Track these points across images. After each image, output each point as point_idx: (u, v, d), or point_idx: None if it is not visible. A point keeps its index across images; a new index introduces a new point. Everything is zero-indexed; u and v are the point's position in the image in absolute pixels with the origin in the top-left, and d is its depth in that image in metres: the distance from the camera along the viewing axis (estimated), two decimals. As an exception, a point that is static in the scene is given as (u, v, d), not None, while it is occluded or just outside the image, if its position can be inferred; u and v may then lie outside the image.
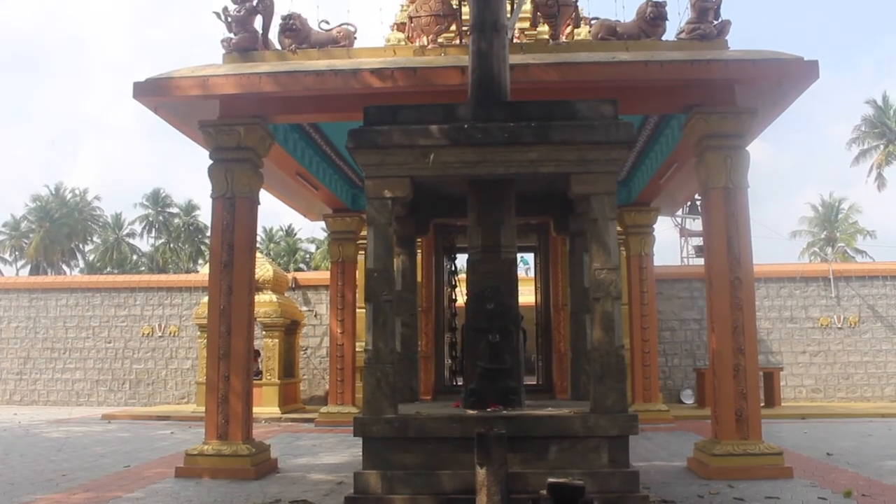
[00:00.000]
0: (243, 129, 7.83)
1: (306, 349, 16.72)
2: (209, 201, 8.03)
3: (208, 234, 11.46)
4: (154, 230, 52.80)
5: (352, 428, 5.63)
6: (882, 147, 38.91)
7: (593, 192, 5.74)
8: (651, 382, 12.56)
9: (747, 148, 7.71)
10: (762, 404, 8.41)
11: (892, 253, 65.22)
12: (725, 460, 7.03)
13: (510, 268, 6.37)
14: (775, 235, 53.13)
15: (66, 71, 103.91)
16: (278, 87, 7.58)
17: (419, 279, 11.15)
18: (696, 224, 26.35)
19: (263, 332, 14.22)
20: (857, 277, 16.50)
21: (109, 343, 17.51)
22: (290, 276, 17.44)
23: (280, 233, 53.66)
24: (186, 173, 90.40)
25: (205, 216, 48.66)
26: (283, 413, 13.89)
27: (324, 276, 16.24)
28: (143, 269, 49.70)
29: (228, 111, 7.92)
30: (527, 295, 11.96)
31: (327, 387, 13.98)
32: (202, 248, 49.03)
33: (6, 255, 48.68)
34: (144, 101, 7.82)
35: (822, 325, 16.21)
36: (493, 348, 6.01)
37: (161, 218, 52.66)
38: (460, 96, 6.80)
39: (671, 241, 53.16)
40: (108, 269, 47.91)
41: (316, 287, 17.20)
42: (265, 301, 14.25)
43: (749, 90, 7.51)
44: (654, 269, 13.17)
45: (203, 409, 8.08)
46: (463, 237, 11.01)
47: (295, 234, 53.36)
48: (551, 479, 4.78)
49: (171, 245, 51.38)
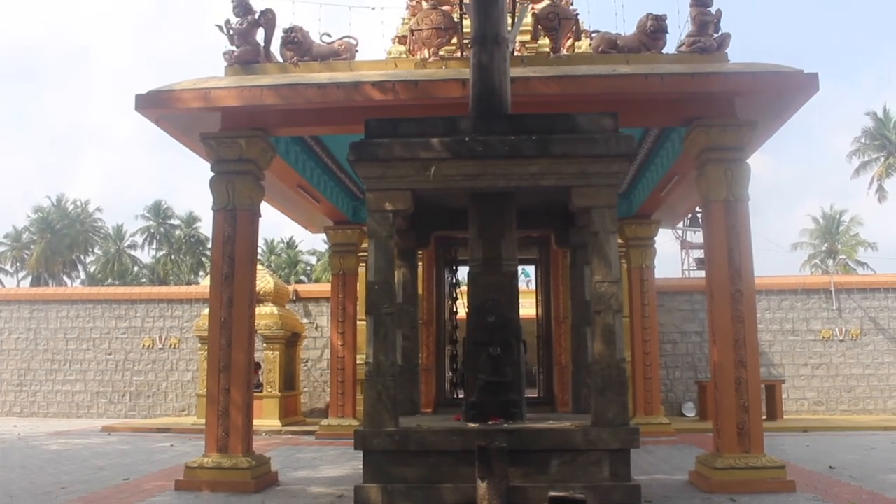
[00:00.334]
0: (245, 141, 7.85)
1: (307, 361, 16.68)
2: (210, 213, 8.04)
3: (209, 245, 11.46)
4: (155, 242, 52.83)
5: (352, 441, 5.62)
6: (882, 159, 38.93)
7: (594, 205, 5.76)
8: (652, 395, 12.51)
9: (748, 160, 7.72)
10: (764, 417, 8.39)
11: (893, 265, 65.40)
12: (727, 474, 6.99)
13: (511, 280, 6.38)
14: (776, 248, 53.18)
15: (68, 82, 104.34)
16: (280, 100, 7.61)
17: (420, 292, 11.15)
18: (696, 236, 26.44)
19: (264, 345, 14.21)
20: (858, 290, 16.47)
21: (110, 355, 17.48)
22: (291, 288, 17.44)
23: (281, 245, 53.69)
24: (188, 185, 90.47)
25: (206, 228, 48.69)
26: (283, 426, 13.86)
27: (325, 288, 16.23)
28: (144, 280, 49.69)
29: (230, 123, 7.95)
30: (528, 307, 11.96)
31: (328, 399, 13.94)
32: (203, 259, 49.05)
33: (7, 267, 48.72)
34: (146, 114, 7.84)
35: (823, 337, 16.17)
36: (494, 361, 6.01)
37: (162, 229, 52.71)
38: (461, 109, 6.83)
39: (672, 254, 53.10)
40: (109, 280, 47.91)
41: (317, 299, 17.19)
42: (266, 313, 14.25)
43: (749, 103, 7.52)
44: (656, 282, 13.15)
45: (203, 421, 8.06)
46: (464, 249, 11.01)
47: (296, 247, 53.41)
48: (552, 493, 4.79)
49: (173, 257, 51.39)
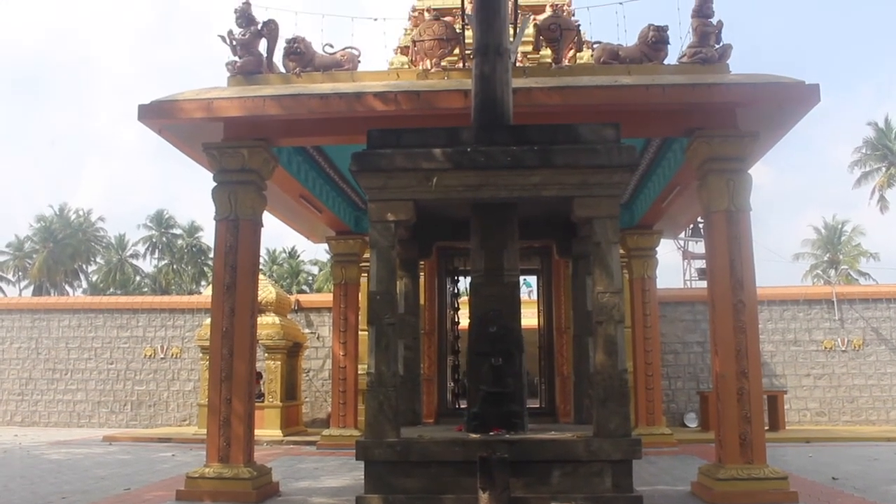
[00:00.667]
0: (247, 151, 7.86)
1: (308, 371, 16.66)
2: (213, 223, 8.04)
3: (211, 255, 11.48)
4: (157, 251, 52.85)
5: (354, 451, 5.61)
6: (884, 170, 38.89)
7: (596, 216, 5.76)
8: (654, 406, 12.48)
9: (749, 171, 7.73)
10: (766, 428, 8.35)
11: (895, 275, 65.07)
12: (730, 485, 6.96)
13: (513, 291, 6.37)
14: (778, 258, 52.92)
15: (71, 91, 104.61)
16: (282, 110, 7.63)
17: (422, 302, 11.16)
18: (698, 247, 26.39)
19: (266, 355, 14.19)
20: (860, 300, 16.44)
21: (111, 364, 17.47)
22: (292, 298, 17.42)
23: (283, 255, 53.69)
24: (190, 194, 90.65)
25: (208, 238, 48.76)
26: (284, 436, 13.82)
27: (326, 298, 16.21)
28: (146, 290, 49.71)
29: (232, 133, 7.97)
30: (529, 318, 11.93)
31: (329, 409, 13.91)
32: (205, 269, 49.06)
33: (10, 276, 48.75)
34: (149, 124, 7.87)
35: (825, 347, 16.12)
36: (496, 372, 6.00)
37: (164, 239, 52.74)
38: (463, 120, 6.85)
39: (674, 264, 53.19)
40: (111, 290, 47.93)
41: (318, 309, 17.17)
42: (268, 323, 14.24)
43: (751, 114, 7.54)
44: (657, 292, 13.14)
45: (204, 431, 8.05)
46: (466, 260, 11.03)
47: (298, 257, 53.43)
48: (554, 504, 4.76)
49: (174, 266, 51.40)
